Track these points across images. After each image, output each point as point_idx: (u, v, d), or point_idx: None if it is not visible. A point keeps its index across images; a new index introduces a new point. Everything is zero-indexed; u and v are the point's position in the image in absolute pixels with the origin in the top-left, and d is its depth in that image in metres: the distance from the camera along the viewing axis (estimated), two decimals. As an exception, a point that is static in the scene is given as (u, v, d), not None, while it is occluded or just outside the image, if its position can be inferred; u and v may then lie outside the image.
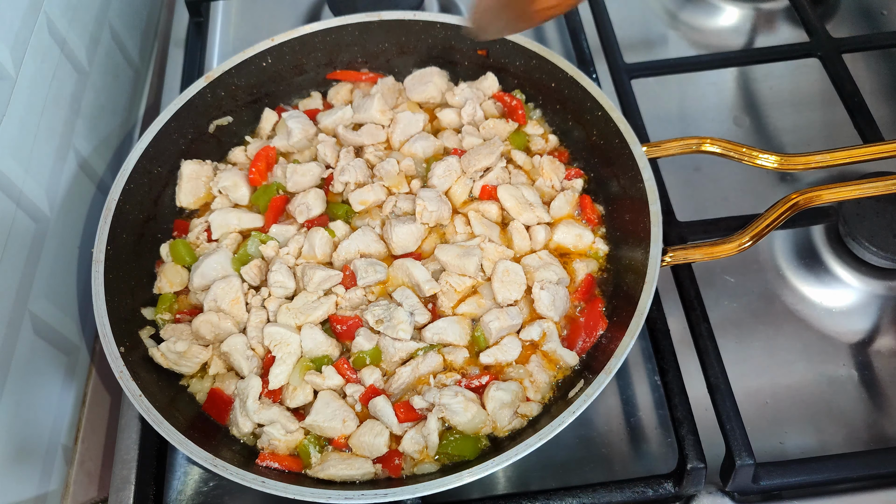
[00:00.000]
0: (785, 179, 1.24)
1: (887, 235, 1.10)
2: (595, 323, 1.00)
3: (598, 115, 1.08)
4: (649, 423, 1.02)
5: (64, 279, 1.12)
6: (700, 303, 1.02)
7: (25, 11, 1.07)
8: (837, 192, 1.00)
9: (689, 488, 0.92)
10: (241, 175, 1.16)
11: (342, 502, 0.82)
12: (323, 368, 0.97)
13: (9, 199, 0.99)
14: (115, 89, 1.37)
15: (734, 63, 1.35)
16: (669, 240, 1.09)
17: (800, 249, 1.17)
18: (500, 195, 1.09)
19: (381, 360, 0.98)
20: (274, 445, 0.93)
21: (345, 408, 0.94)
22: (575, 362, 0.98)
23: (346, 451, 0.93)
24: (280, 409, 0.94)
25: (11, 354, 0.96)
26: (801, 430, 1.00)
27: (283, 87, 1.26)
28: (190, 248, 1.09)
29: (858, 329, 1.09)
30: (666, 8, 1.53)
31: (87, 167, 1.22)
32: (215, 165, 1.19)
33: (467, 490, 0.96)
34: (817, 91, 1.35)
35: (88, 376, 1.16)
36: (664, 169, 1.16)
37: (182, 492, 1.00)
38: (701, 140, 1.05)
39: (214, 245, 1.10)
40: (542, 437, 0.83)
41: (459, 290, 1.02)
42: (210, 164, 1.18)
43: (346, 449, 0.93)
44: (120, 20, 1.41)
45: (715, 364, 0.96)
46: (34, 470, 0.99)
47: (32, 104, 1.06)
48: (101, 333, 0.93)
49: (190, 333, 1.02)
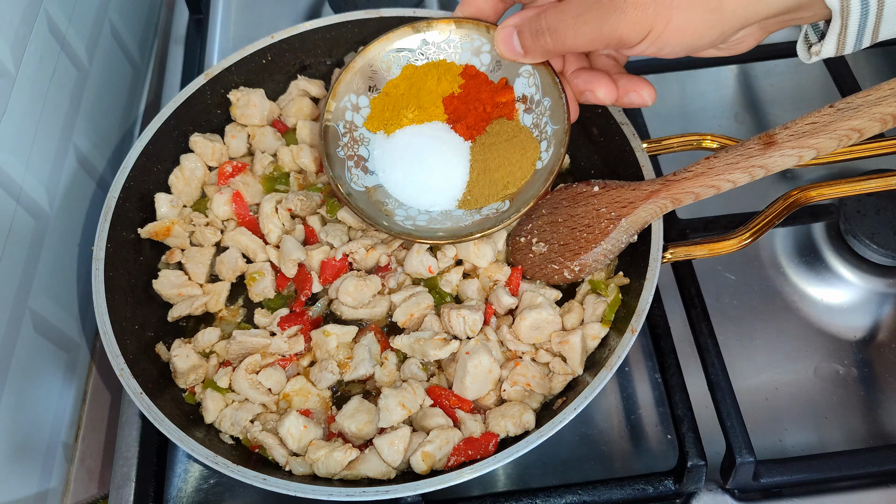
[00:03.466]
0: (785, 177, 1.24)
1: (888, 233, 1.10)
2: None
3: (599, 113, 1.08)
4: (650, 420, 1.02)
5: (64, 276, 1.12)
6: (701, 300, 1.02)
7: (25, 9, 1.06)
8: (837, 189, 0.99)
9: (689, 486, 0.92)
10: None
11: (343, 499, 0.82)
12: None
13: (9, 196, 0.99)
14: (115, 86, 1.37)
15: (735, 60, 1.35)
16: (670, 237, 1.09)
17: (800, 247, 1.16)
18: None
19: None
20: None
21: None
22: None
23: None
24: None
25: (12, 352, 0.96)
26: (801, 427, 1.00)
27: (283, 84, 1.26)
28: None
29: (859, 326, 1.09)
30: (667, 5, 1.53)
31: (88, 164, 1.22)
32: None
33: (468, 487, 0.97)
34: (818, 88, 1.35)
35: (89, 373, 1.16)
36: (665, 166, 1.15)
37: (182, 489, 1.00)
38: (701, 137, 1.05)
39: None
40: (543, 434, 0.83)
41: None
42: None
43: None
44: (120, 17, 1.41)
45: (715, 361, 0.96)
46: (35, 467, 1.00)
47: (32, 101, 1.06)
48: (102, 331, 0.93)
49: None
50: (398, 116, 1.04)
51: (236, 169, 1.16)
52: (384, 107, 1.04)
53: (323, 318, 1.06)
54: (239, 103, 1.18)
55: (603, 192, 0.98)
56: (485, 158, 1.01)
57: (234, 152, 1.19)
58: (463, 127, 1.02)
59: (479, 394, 0.94)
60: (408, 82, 1.04)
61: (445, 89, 1.03)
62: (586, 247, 0.98)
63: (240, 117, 1.19)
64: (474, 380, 0.92)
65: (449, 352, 0.95)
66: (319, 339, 1.00)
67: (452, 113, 1.02)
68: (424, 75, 1.04)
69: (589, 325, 0.97)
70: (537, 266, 1.03)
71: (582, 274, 1.00)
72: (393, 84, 1.05)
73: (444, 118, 1.03)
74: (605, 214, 0.97)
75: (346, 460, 0.88)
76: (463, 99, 1.02)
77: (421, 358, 0.98)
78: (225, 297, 1.08)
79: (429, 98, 1.03)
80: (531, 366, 0.96)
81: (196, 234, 1.11)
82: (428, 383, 0.97)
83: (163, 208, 1.10)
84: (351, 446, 0.90)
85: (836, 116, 0.83)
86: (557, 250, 1.01)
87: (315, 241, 1.10)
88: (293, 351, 1.00)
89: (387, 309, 1.05)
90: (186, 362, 0.99)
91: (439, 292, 1.04)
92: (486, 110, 1.01)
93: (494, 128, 1.01)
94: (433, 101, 1.03)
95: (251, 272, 1.07)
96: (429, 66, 1.04)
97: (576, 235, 0.99)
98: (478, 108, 1.01)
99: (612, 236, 0.96)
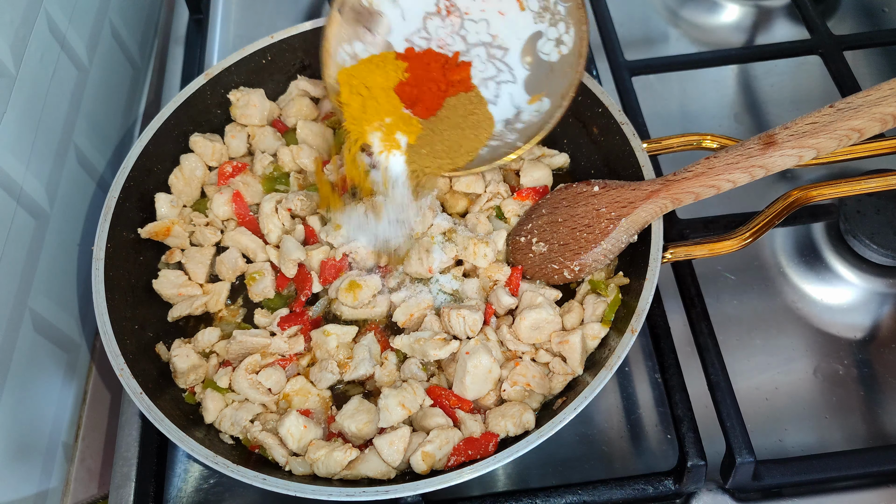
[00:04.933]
0: (785, 177, 1.24)
1: (888, 233, 1.10)
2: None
3: (599, 112, 1.08)
4: (650, 420, 1.02)
5: (64, 276, 1.12)
6: (701, 300, 1.02)
7: (26, 9, 1.06)
8: (837, 189, 0.99)
9: (689, 486, 0.92)
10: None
11: (343, 499, 0.82)
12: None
13: (9, 195, 0.99)
14: (116, 86, 1.37)
15: (735, 60, 1.35)
16: (670, 237, 1.09)
17: (801, 247, 1.16)
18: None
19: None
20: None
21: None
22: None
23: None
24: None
25: (12, 352, 0.96)
26: (801, 427, 1.00)
27: (283, 85, 1.26)
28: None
29: (859, 326, 1.08)
30: (667, 5, 1.53)
31: (87, 164, 1.22)
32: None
33: (468, 487, 0.96)
34: (819, 88, 1.34)
35: (89, 373, 1.16)
36: (665, 166, 1.15)
37: (182, 489, 1.00)
38: (701, 137, 1.05)
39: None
40: (543, 434, 0.83)
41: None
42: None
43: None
44: (120, 17, 1.41)
45: (715, 361, 0.96)
46: (35, 467, 1.00)
47: (33, 101, 1.06)
48: (102, 331, 0.93)
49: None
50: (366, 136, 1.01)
51: (236, 169, 1.16)
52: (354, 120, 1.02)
53: (323, 318, 1.06)
54: (239, 103, 1.18)
55: (603, 192, 0.98)
56: (434, 130, 0.99)
57: (234, 152, 1.19)
58: (421, 109, 1.00)
59: (479, 394, 0.94)
60: (354, 93, 1.00)
61: (393, 79, 1.00)
62: (586, 247, 0.98)
63: (240, 117, 1.19)
64: (474, 380, 0.92)
65: (449, 352, 0.95)
66: (319, 339, 1.00)
67: (407, 99, 1.00)
68: (367, 75, 1.01)
69: (589, 325, 0.97)
70: (537, 266, 1.03)
71: (582, 274, 1.01)
72: (344, 100, 1.01)
73: (402, 107, 1.00)
74: (605, 214, 0.97)
75: (346, 460, 0.88)
76: (414, 83, 1.00)
77: (421, 358, 0.98)
78: (225, 297, 1.08)
79: (384, 97, 1.01)
80: (531, 366, 0.96)
81: (196, 234, 1.11)
82: (428, 383, 0.97)
83: (163, 208, 1.10)
84: (351, 446, 0.90)
85: (836, 116, 0.83)
86: (557, 250, 1.01)
87: (315, 241, 1.10)
88: (293, 351, 1.00)
89: (387, 309, 1.05)
90: (186, 362, 0.99)
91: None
92: (441, 88, 0.99)
93: (451, 102, 0.99)
94: (388, 99, 1.01)
95: (251, 272, 1.07)
96: (365, 64, 1.01)
97: (576, 235, 0.99)
98: (431, 87, 1.00)
99: (612, 236, 0.96)
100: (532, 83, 1.01)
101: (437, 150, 0.98)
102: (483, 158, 0.98)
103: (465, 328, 0.97)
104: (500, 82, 1.01)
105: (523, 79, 1.00)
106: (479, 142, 0.97)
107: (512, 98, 1.01)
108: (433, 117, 1.00)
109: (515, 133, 0.96)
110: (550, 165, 1.15)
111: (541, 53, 0.98)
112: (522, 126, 0.96)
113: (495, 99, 1.01)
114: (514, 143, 0.94)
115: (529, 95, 1.00)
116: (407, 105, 1.00)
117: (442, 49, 1.03)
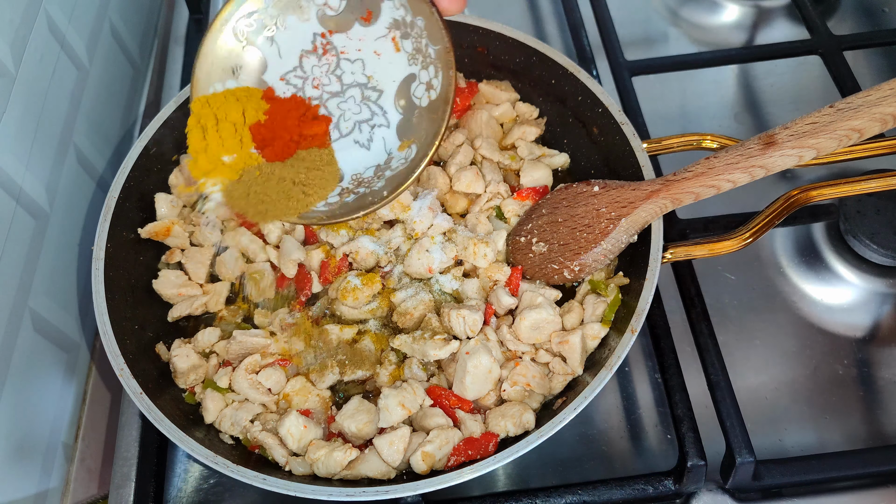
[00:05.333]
0: (785, 177, 1.24)
1: (888, 233, 1.10)
2: None
3: (599, 112, 1.08)
4: (649, 420, 1.02)
5: (64, 276, 1.12)
6: (701, 300, 1.02)
7: (25, 8, 1.06)
8: (837, 189, 0.99)
9: (689, 486, 0.92)
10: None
11: (343, 499, 0.82)
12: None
13: (9, 195, 0.99)
14: (115, 86, 1.37)
15: (735, 60, 1.35)
16: (670, 237, 1.09)
17: (801, 247, 1.16)
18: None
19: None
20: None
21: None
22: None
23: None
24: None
25: (11, 352, 0.96)
26: (801, 427, 1.00)
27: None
28: None
29: (859, 326, 1.09)
30: (667, 5, 1.53)
31: (87, 164, 1.22)
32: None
33: (468, 487, 0.97)
34: (818, 88, 1.34)
35: (89, 373, 1.16)
36: (665, 166, 1.15)
37: (182, 489, 1.00)
38: (701, 137, 1.05)
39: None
40: (543, 434, 0.83)
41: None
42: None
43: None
44: (120, 17, 1.41)
45: (715, 361, 0.96)
46: (34, 467, 1.00)
47: (32, 101, 1.06)
48: (102, 331, 0.93)
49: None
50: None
51: (236, 169, 1.15)
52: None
53: (323, 317, 1.06)
54: None
55: (603, 192, 0.98)
56: (270, 178, 0.93)
57: (234, 152, 1.19)
58: (269, 153, 0.94)
59: (479, 394, 0.94)
60: (197, 124, 0.94)
61: (251, 117, 0.94)
62: (586, 247, 0.98)
63: None
64: (474, 380, 0.92)
65: (449, 352, 0.95)
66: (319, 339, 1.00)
67: (260, 140, 0.94)
68: (224, 106, 0.95)
69: (589, 325, 0.97)
70: (537, 266, 1.03)
71: (582, 274, 1.01)
72: (188, 129, 0.94)
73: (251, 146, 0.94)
74: (605, 214, 0.97)
75: (346, 460, 0.88)
76: (269, 127, 0.95)
77: (421, 358, 0.98)
78: (225, 297, 1.08)
79: (230, 133, 0.94)
80: (531, 366, 0.96)
81: (196, 234, 1.11)
82: (428, 383, 0.97)
83: (163, 208, 1.10)
84: (351, 446, 0.90)
85: (836, 116, 0.83)
86: (557, 250, 1.01)
87: (315, 241, 1.10)
88: (293, 351, 1.00)
89: (387, 309, 1.05)
90: (186, 362, 0.99)
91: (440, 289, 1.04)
92: (294, 139, 0.94)
93: (302, 154, 0.94)
94: (234, 136, 0.94)
95: (251, 272, 1.07)
96: (228, 95, 0.95)
97: (576, 235, 0.99)
98: (284, 136, 0.94)
99: (612, 236, 0.96)
100: (403, 128, 0.95)
101: (262, 197, 0.92)
102: (349, 207, 0.92)
103: (465, 328, 0.97)
104: (374, 126, 0.96)
105: (396, 123, 0.95)
106: (311, 200, 0.92)
107: (385, 143, 0.96)
108: (279, 163, 0.94)
109: (383, 181, 0.91)
110: (550, 165, 1.15)
111: (413, 97, 0.93)
112: (391, 174, 0.91)
113: (368, 143, 0.96)
114: (381, 191, 0.90)
115: (400, 141, 0.94)
116: (258, 146, 0.95)
117: (317, 90, 0.98)
